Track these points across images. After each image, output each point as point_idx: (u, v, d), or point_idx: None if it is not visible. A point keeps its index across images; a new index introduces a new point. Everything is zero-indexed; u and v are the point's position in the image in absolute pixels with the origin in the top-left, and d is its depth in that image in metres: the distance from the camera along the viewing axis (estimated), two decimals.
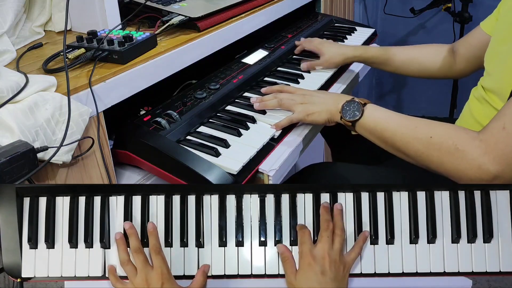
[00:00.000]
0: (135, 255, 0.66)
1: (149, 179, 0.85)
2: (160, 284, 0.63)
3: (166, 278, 0.64)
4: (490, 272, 0.69)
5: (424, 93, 2.47)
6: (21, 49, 0.86)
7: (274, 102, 0.91)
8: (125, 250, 0.66)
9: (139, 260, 0.65)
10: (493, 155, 0.67)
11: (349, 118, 0.83)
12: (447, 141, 0.71)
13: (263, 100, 0.93)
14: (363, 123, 0.82)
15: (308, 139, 0.93)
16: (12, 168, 0.57)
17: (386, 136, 0.79)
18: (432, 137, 0.73)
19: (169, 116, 0.86)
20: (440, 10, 2.19)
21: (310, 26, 1.41)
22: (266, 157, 0.82)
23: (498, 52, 0.85)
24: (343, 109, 0.84)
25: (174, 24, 0.94)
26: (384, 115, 0.81)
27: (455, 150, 0.70)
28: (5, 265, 0.66)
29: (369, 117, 0.82)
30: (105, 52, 0.79)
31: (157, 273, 0.64)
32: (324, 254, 0.65)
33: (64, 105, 0.67)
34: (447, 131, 0.73)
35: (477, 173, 0.68)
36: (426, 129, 0.75)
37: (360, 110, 0.82)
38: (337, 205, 0.69)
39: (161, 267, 0.65)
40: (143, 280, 0.64)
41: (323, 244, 0.66)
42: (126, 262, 0.66)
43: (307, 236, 0.67)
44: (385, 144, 0.81)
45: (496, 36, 0.88)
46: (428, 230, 0.70)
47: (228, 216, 0.69)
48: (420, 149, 0.74)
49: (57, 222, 0.67)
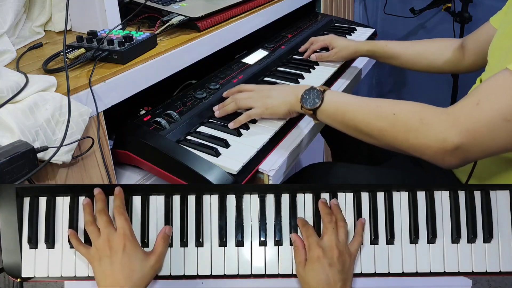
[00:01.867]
0: (98, 215, 0.65)
1: (149, 179, 0.85)
2: (122, 246, 0.62)
3: (128, 239, 0.63)
4: (490, 272, 0.69)
5: (424, 93, 2.47)
6: (21, 49, 0.86)
7: (232, 106, 0.89)
8: (90, 213, 0.66)
9: (102, 221, 0.64)
10: (460, 128, 0.66)
11: (309, 106, 0.81)
12: (413, 116, 0.70)
13: (224, 105, 0.91)
14: (324, 109, 0.80)
15: (308, 139, 0.93)
16: (12, 168, 0.57)
17: (348, 119, 0.78)
18: (396, 114, 0.72)
19: (169, 116, 0.86)
20: (440, 10, 2.19)
21: (310, 26, 1.41)
22: (266, 157, 0.82)
23: (502, 46, 0.84)
24: (303, 98, 0.82)
25: (174, 24, 0.94)
26: (344, 99, 0.80)
27: (420, 124, 0.69)
28: (5, 265, 0.66)
29: (329, 103, 0.80)
30: (105, 52, 0.79)
31: (119, 234, 0.63)
32: (332, 245, 0.65)
33: (64, 105, 0.67)
34: (411, 107, 0.72)
35: (441, 145, 0.67)
36: (389, 107, 0.73)
37: (320, 97, 0.80)
38: (333, 201, 0.70)
39: (123, 227, 0.64)
40: (104, 240, 0.63)
41: (330, 236, 0.66)
42: (90, 223, 0.65)
43: (311, 229, 0.67)
44: (347, 128, 0.79)
45: (501, 30, 0.88)
46: (428, 230, 0.70)
47: (228, 216, 0.69)
48: (383, 127, 0.73)
49: (57, 222, 0.67)
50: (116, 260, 0.61)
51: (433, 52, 1.12)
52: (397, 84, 2.60)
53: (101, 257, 0.62)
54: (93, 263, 0.63)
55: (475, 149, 0.66)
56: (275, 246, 0.69)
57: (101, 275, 0.62)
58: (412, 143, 0.70)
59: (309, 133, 0.92)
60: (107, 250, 0.62)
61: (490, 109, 0.65)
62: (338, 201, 0.70)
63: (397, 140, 0.72)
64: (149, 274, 0.63)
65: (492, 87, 0.67)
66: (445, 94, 2.21)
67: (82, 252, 0.65)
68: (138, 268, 0.62)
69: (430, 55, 1.12)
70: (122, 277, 0.60)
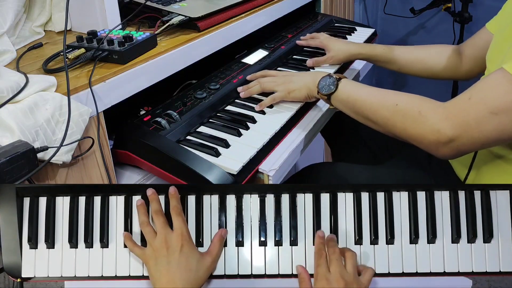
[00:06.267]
0: (155, 216, 0.65)
1: (149, 179, 0.85)
2: (179, 246, 0.63)
3: (185, 239, 0.64)
4: (490, 272, 0.69)
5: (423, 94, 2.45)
6: (21, 49, 0.86)
7: (257, 87, 0.97)
8: (145, 213, 0.66)
9: (159, 221, 0.65)
10: (453, 121, 0.71)
11: (325, 92, 0.88)
12: (412, 108, 0.76)
13: (248, 87, 0.98)
14: (337, 95, 0.87)
15: (308, 139, 0.93)
16: (12, 168, 0.57)
17: (357, 106, 0.84)
18: (398, 104, 0.78)
19: (169, 116, 0.86)
20: (440, 10, 2.19)
21: (310, 26, 1.41)
22: (266, 157, 0.82)
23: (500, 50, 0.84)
24: (320, 84, 0.90)
25: (174, 24, 0.94)
26: (355, 87, 0.86)
27: (418, 115, 0.74)
28: (5, 265, 0.66)
29: (342, 90, 0.86)
30: (105, 52, 0.79)
31: (177, 235, 0.64)
32: (338, 277, 0.64)
33: (64, 105, 0.67)
34: (413, 99, 0.78)
35: (435, 136, 0.72)
36: (393, 98, 0.80)
37: (334, 84, 0.87)
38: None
39: (181, 228, 0.64)
40: (162, 241, 0.63)
41: (335, 268, 0.65)
42: (146, 223, 0.65)
43: (323, 259, 0.66)
44: (356, 114, 0.85)
45: (499, 34, 0.88)
46: (428, 230, 0.70)
47: (228, 216, 0.69)
48: (386, 115, 0.79)
49: (57, 222, 0.67)
50: (173, 260, 0.62)
51: (431, 57, 1.12)
52: (397, 84, 2.60)
53: (157, 257, 0.63)
54: (149, 263, 0.64)
55: (466, 141, 0.71)
56: (275, 246, 0.69)
57: (157, 274, 0.62)
58: (410, 132, 0.76)
59: (309, 133, 0.92)
60: (164, 250, 0.63)
61: (479, 103, 0.70)
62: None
63: (397, 128, 0.78)
64: (205, 275, 0.64)
65: (484, 84, 0.72)
66: (445, 95, 2.21)
67: (138, 253, 0.65)
68: (194, 268, 0.63)
69: (428, 61, 1.12)
70: (178, 277, 0.61)
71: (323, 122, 1.01)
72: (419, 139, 0.75)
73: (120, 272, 0.67)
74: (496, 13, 0.98)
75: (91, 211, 0.68)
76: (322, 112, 0.98)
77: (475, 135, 0.70)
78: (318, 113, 0.98)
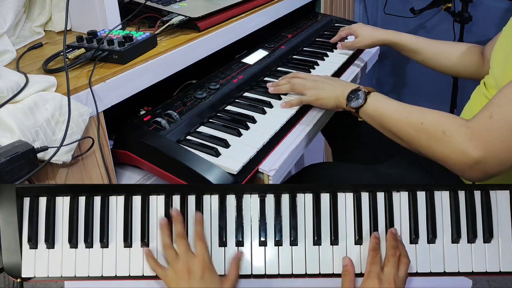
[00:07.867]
0: (179, 240, 0.65)
1: (149, 179, 0.85)
2: (201, 272, 0.63)
3: (207, 266, 0.64)
4: (490, 272, 0.69)
5: (424, 93, 2.47)
6: (21, 49, 0.86)
7: (287, 87, 0.98)
8: (168, 235, 0.66)
9: (183, 245, 0.65)
10: (477, 141, 0.69)
11: (353, 105, 0.88)
12: (436, 127, 0.75)
13: (278, 85, 0.99)
14: (365, 109, 0.87)
15: (308, 139, 0.93)
16: (12, 168, 0.57)
17: (384, 122, 0.84)
18: (423, 123, 0.77)
19: (169, 116, 0.86)
20: (440, 10, 2.19)
21: (310, 26, 1.41)
22: (266, 157, 0.82)
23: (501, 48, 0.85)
24: (349, 97, 0.89)
25: (174, 24, 0.94)
26: (383, 103, 0.85)
27: (442, 135, 0.73)
28: (5, 265, 0.66)
29: (371, 104, 0.86)
30: (105, 52, 0.79)
31: (199, 260, 0.64)
32: (391, 279, 0.64)
33: (64, 105, 0.67)
34: (437, 117, 0.76)
35: (461, 157, 0.71)
36: (418, 116, 0.79)
37: (363, 98, 0.87)
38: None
39: (203, 254, 0.64)
40: (184, 265, 0.63)
41: (390, 269, 0.65)
42: (168, 246, 0.65)
43: (378, 258, 0.66)
44: (383, 129, 0.85)
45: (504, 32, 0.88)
46: (428, 230, 0.70)
47: (228, 216, 0.69)
48: (411, 133, 0.79)
49: (57, 222, 0.67)
50: (194, 285, 0.62)
51: (456, 54, 1.12)
52: (398, 84, 2.60)
53: (179, 280, 0.63)
54: (170, 285, 0.64)
55: (493, 162, 0.69)
56: (275, 246, 0.69)
57: None
58: (435, 152, 0.75)
59: (309, 133, 0.92)
60: (185, 275, 0.63)
61: (501, 121, 0.68)
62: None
63: (422, 146, 0.78)
64: None
65: (502, 99, 0.70)
66: (445, 94, 2.21)
67: (159, 272, 0.65)
68: None
69: (453, 57, 1.12)
70: None
71: (324, 122, 1.01)
72: (443, 159, 0.74)
73: (120, 272, 0.67)
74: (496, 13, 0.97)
75: (91, 211, 0.68)
76: (323, 111, 0.98)
77: (502, 155, 0.68)
78: (318, 112, 0.98)
